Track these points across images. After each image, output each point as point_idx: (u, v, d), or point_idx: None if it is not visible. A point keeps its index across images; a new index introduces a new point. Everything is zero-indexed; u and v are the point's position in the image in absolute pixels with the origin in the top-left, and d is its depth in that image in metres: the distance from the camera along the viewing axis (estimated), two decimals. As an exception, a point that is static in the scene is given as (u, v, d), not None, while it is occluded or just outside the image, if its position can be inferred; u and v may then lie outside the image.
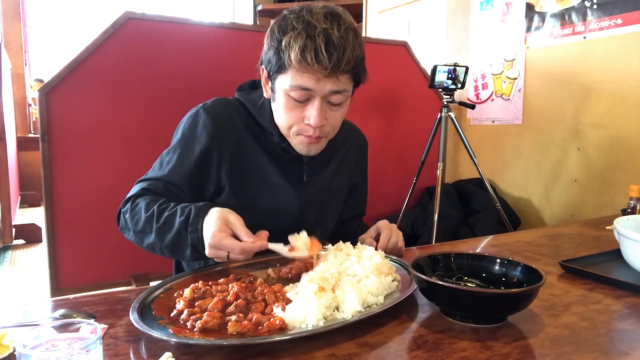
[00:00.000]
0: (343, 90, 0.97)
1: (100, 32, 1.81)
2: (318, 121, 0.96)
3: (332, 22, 0.92)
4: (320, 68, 0.90)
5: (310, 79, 0.93)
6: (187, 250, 0.92)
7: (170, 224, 0.93)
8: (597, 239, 1.31)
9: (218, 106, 1.08)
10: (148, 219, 0.95)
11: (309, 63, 0.90)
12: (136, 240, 0.99)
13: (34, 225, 3.83)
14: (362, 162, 1.30)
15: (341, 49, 0.91)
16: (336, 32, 0.91)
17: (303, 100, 0.97)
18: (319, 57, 0.90)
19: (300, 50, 0.90)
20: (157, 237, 0.94)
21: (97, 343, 0.50)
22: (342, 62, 0.91)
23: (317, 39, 0.90)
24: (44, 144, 1.75)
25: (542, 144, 2.56)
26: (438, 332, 0.71)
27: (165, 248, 0.95)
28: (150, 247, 0.97)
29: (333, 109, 1.00)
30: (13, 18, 5.27)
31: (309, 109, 0.97)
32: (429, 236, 2.35)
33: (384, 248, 1.02)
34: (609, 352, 0.67)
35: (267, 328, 0.69)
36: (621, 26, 2.14)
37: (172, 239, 0.93)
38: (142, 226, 0.96)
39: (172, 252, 0.95)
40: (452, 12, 3.07)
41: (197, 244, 0.90)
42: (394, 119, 2.70)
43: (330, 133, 1.05)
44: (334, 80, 0.94)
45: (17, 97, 5.12)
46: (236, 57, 2.04)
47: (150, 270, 1.90)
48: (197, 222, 0.90)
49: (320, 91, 0.95)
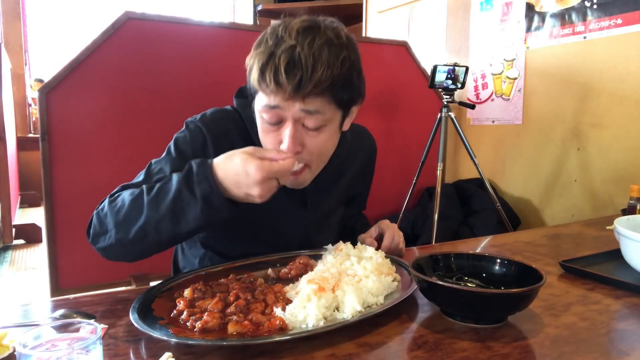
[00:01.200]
0: (316, 112, 0.85)
1: (100, 32, 1.81)
2: (290, 146, 0.86)
3: (305, 37, 0.82)
4: (280, 90, 0.81)
5: (275, 98, 0.84)
6: (196, 209, 0.78)
7: (165, 190, 0.80)
8: (597, 239, 1.31)
9: (217, 121, 0.99)
10: (134, 201, 0.82)
11: (268, 85, 0.82)
12: (119, 234, 0.83)
13: (34, 225, 3.83)
14: (369, 172, 1.24)
15: (308, 69, 0.80)
16: (305, 49, 0.81)
17: (275, 122, 0.87)
18: (278, 78, 0.80)
19: (260, 70, 0.82)
20: (150, 211, 0.80)
21: (97, 343, 0.50)
22: (307, 83, 0.81)
23: (277, 58, 0.81)
24: (44, 144, 1.75)
25: (542, 144, 2.56)
26: (438, 332, 0.71)
27: (162, 220, 0.80)
28: (141, 231, 0.81)
29: (311, 134, 0.88)
30: (13, 18, 5.27)
31: (282, 133, 0.88)
32: (429, 236, 2.35)
33: (387, 249, 1.02)
34: (609, 352, 0.67)
35: (267, 328, 0.69)
36: (621, 26, 2.14)
37: (171, 203, 0.79)
38: (127, 211, 0.82)
39: (172, 221, 0.80)
40: (452, 12, 3.07)
41: (211, 195, 0.77)
42: (394, 119, 2.70)
43: (315, 162, 0.93)
44: (302, 102, 0.83)
45: (17, 97, 5.12)
46: (236, 57, 2.02)
47: (150, 270, 1.90)
48: (203, 172, 0.78)
49: (289, 111, 0.85)
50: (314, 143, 0.90)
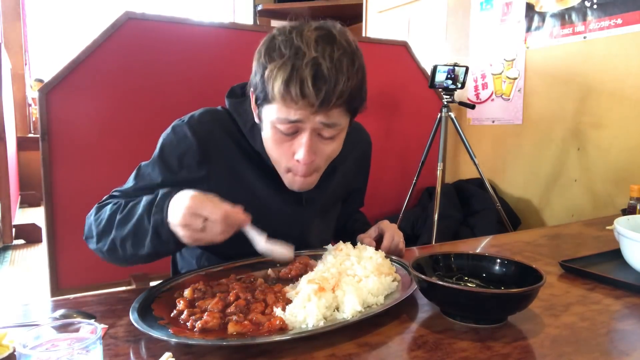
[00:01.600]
0: (334, 125, 0.87)
1: (100, 32, 1.81)
2: (307, 157, 0.87)
3: (325, 48, 0.81)
4: (306, 104, 0.81)
5: (297, 112, 0.83)
6: (147, 238, 0.80)
7: (133, 211, 0.83)
8: (597, 239, 1.31)
9: (205, 123, 0.97)
10: (112, 215, 0.86)
11: (294, 98, 0.80)
12: (99, 244, 0.87)
13: (34, 225, 3.83)
14: (365, 166, 1.24)
15: (332, 82, 0.80)
16: (327, 62, 0.80)
17: (291, 133, 0.87)
18: (305, 92, 0.79)
19: (285, 83, 0.80)
20: (118, 229, 0.83)
21: (97, 343, 0.50)
22: (332, 97, 0.81)
23: (303, 70, 0.79)
24: (44, 144, 1.75)
25: (542, 144, 2.56)
26: (438, 332, 0.71)
27: (124, 239, 0.83)
28: (112, 246, 0.85)
29: (325, 142, 0.90)
30: (13, 18, 5.27)
31: (296, 143, 0.88)
32: (429, 236, 2.35)
33: (387, 250, 1.02)
34: (609, 352, 0.67)
35: (267, 328, 0.69)
36: (621, 26, 2.14)
37: (133, 226, 0.81)
38: (105, 224, 0.85)
39: (132, 243, 0.82)
40: (452, 12, 3.07)
41: (160, 226, 0.79)
42: (394, 119, 2.70)
43: (322, 167, 0.95)
44: (324, 114, 0.84)
45: (17, 97, 5.12)
46: (236, 57, 2.03)
47: (150, 270, 1.90)
48: (162, 203, 0.79)
49: (310, 123, 0.85)
50: (326, 150, 0.91)
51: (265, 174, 0.99)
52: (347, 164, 1.14)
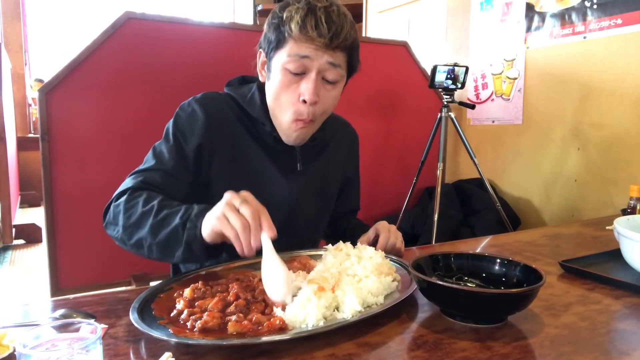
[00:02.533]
0: (339, 65, 0.98)
1: (100, 32, 1.81)
2: (312, 96, 0.96)
3: (332, 4, 0.97)
4: (319, 37, 0.93)
5: (308, 47, 0.95)
6: (179, 250, 0.87)
7: (169, 220, 0.88)
8: (597, 239, 1.31)
9: (209, 99, 1.08)
10: (145, 214, 0.90)
11: (309, 31, 0.93)
12: (123, 235, 0.93)
13: (34, 225, 3.83)
14: (354, 157, 1.30)
15: (340, 24, 0.95)
16: (335, 10, 0.96)
17: (299, 72, 0.97)
18: (319, 27, 0.93)
19: (301, 19, 0.93)
20: (150, 233, 0.89)
21: (97, 343, 0.50)
22: (340, 36, 0.94)
23: (317, 11, 0.94)
24: (44, 144, 1.75)
25: (542, 144, 2.56)
26: (438, 332, 0.71)
27: (155, 245, 0.89)
28: (138, 243, 0.91)
29: (327, 88, 1.00)
30: (13, 18, 5.27)
31: (303, 83, 0.97)
32: (429, 236, 2.35)
33: (382, 250, 1.02)
34: (609, 352, 0.67)
35: (267, 328, 0.69)
36: (621, 26, 2.14)
37: (166, 235, 0.88)
38: (136, 220, 0.91)
39: (162, 250, 0.89)
40: (452, 12, 3.07)
41: (193, 241, 0.85)
42: (394, 119, 2.70)
43: (320, 117, 1.04)
44: (331, 53, 0.96)
45: (17, 97, 5.12)
46: (236, 57, 2.03)
47: (150, 270, 1.90)
48: (197, 220, 0.85)
49: (317, 61, 0.95)
50: (327, 97, 1.01)
51: (262, 141, 1.08)
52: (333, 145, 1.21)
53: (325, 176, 1.19)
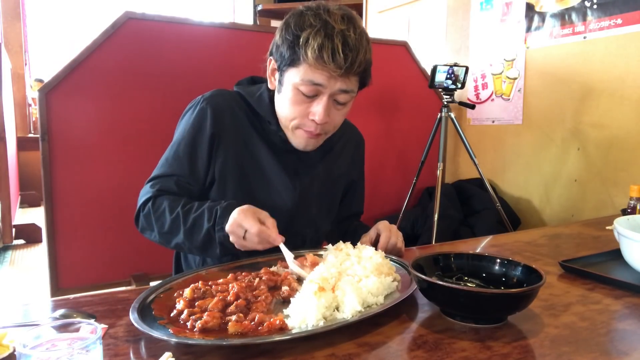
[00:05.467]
0: (351, 91, 1.00)
1: (100, 32, 1.81)
2: (323, 118, 0.99)
3: (349, 24, 0.95)
4: (335, 67, 0.93)
5: (322, 75, 0.95)
6: (217, 249, 0.96)
7: (198, 226, 0.97)
8: (597, 239, 1.31)
9: (218, 97, 1.10)
10: (174, 221, 0.99)
11: (325, 61, 0.93)
12: (161, 240, 1.03)
13: (34, 225, 3.82)
14: (358, 160, 1.31)
15: (355, 51, 0.94)
16: (352, 35, 0.94)
17: (311, 95, 0.99)
18: (336, 57, 0.92)
19: (319, 47, 0.93)
20: (186, 239, 0.98)
21: (97, 343, 0.50)
22: (355, 64, 0.94)
23: (335, 38, 0.93)
24: (44, 144, 1.75)
25: (542, 144, 2.56)
26: (438, 332, 0.71)
27: (195, 249, 1.00)
28: (179, 247, 1.02)
29: (338, 108, 1.02)
30: (13, 18, 5.27)
31: (315, 105, 0.99)
32: (429, 236, 2.35)
33: (383, 250, 1.02)
34: (609, 352, 0.67)
35: (267, 328, 0.69)
36: (621, 26, 2.14)
37: (202, 239, 0.97)
38: (169, 228, 1.00)
39: (203, 251, 0.99)
40: (452, 12, 3.07)
41: (225, 241, 0.94)
42: (394, 119, 2.70)
43: (329, 132, 1.07)
44: (345, 80, 0.97)
45: (17, 97, 5.12)
46: (236, 57, 2.04)
47: (150, 270, 1.90)
48: (222, 222, 0.93)
49: (330, 88, 0.97)
50: (337, 115, 1.04)
51: (268, 140, 1.10)
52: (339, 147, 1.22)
53: (329, 177, 1.19)
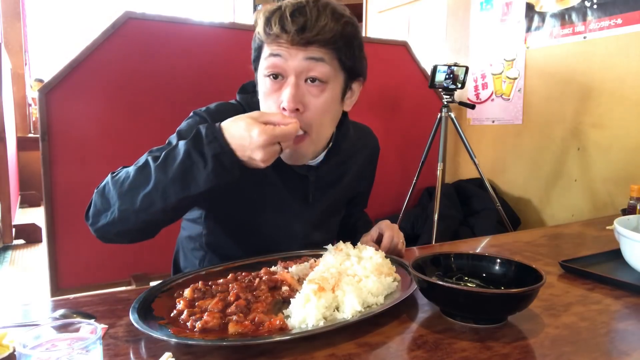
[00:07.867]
0: (321, 59, 0.86)
1: (100, 32, 1.81)
2: (291, 102, 0.85)
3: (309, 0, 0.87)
4: (283, 33, 0.83)
5: (279, 48, 0.86)
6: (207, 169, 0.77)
7: (173, 155, 0.80)
8: (597, 239, 1.31)
9: (222, 113, 0.96)
10: (141, 170, 0.82)
11: (272, 29, 0.84)
12: (123, 206, 0.81)
13: (34, 225, 3.83)
14: (370, 170, 1.24)
15: (312, 17, 0.84)
16: (310, 4, 0.85)
17: (275, 74, 0.88)
18: (282, 22, 0.83)
19: (266, 19, 0.85)
20: (158, 177, 0.79)
21: (97, 343, 0.50)
22: (312, 29, 0.83)
23: (285, 7, 0.85)
24: (44, 144, 1.75)
25: (542, 144, 2.56)
26: (438, 332, 0.71)
27: (171, 184, 0.79)
28: (147, 200, 0.80)
29: (313, 92, 0.88)
30: (13, 18, 5.27)
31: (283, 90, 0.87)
32: (429, 236, 2.35)
33: (386, 250, 1.02)
34: (609, 352, 0.67)
35: (267, 328, 0.69)
36: (621, 26, 2.14)
37: (179, 165, 0.78)
38: (133, 180, 0.81)
39: (182, 184, 0.79)
40: (452, 12, 3.07)
41: (222, 154, 0.77)
42: (394, 119, 2.70)
43: (314, 128, 0.91)
44: (306, 50, 0.85)
45: (17, 97, 5.12)
46: (236, 57, 2.02)
47: (150, 270, 1.90)
48: (212, 133, 0.78)
49: (291, 61, 0.86)
50: (314, 104, 0.89)
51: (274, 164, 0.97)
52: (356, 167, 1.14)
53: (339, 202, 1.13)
